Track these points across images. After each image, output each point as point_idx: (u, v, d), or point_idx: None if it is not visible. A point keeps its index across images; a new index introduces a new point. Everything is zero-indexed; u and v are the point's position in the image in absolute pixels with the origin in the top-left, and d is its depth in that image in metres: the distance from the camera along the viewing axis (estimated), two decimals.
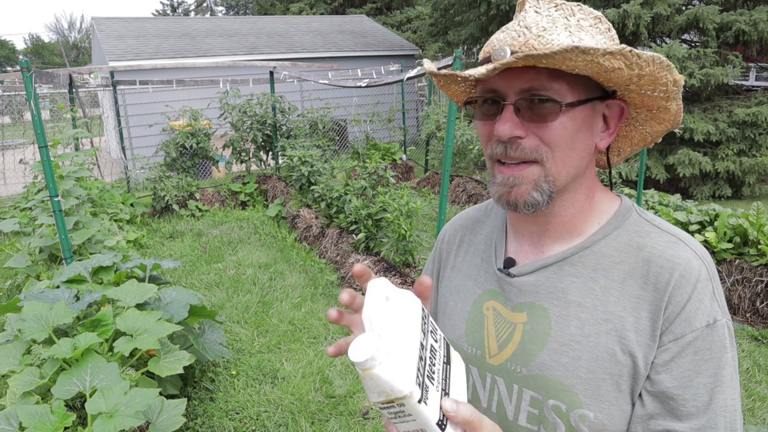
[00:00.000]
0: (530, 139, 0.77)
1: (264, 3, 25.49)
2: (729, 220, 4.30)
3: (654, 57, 0.70)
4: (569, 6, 0.77)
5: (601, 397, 0.76)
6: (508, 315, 0.86)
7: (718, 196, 8.15)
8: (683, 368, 0.73)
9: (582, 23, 0.76)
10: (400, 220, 4.69)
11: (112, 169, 10.27)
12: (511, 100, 0.76)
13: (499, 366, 0.85)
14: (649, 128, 0.87)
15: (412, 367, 0.60)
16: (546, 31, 0.74)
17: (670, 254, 0.77)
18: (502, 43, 0.76)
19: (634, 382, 0.75)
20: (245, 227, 6.93)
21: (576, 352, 0.78)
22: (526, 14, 0.77)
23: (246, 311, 4.49)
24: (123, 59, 12.04)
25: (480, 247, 0.96)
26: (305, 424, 3.06)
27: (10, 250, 5.57)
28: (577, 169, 0.80)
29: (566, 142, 0.77)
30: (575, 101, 0.76)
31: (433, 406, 0.61)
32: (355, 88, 7.74)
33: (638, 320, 0.75)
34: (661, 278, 0.75)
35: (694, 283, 0.74)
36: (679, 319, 0.73)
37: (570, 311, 0.80)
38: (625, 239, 0.81)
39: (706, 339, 0.73)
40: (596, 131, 0.81)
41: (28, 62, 3.80)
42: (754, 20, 7.55)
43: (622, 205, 0.85)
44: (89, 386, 2.38)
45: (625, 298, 0.77)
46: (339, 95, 10.54)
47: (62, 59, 37.62)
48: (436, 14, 13.21)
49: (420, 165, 9.84)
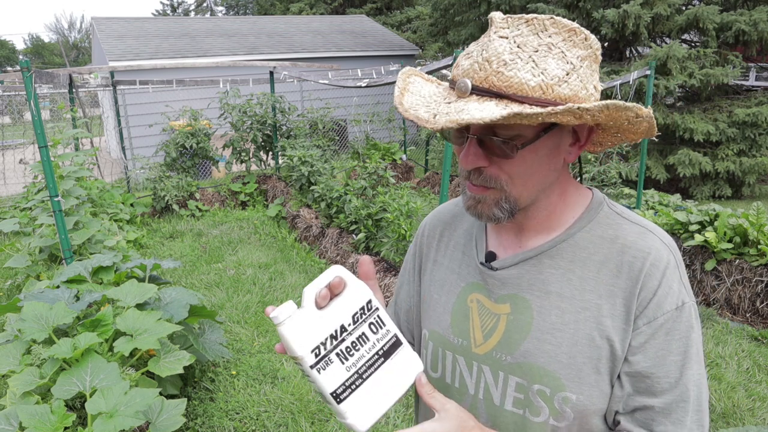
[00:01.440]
0: (492, 169, 0.81)
1: (264, 3, 25.48)
2: (729, 220, 4.30)
3: (607, 105, 0.70)
4: (541, 21, 0.75)
5: (582, 380, 0.81)
6: (491, 306, 0.90)
7: (718, 196, 8.15)
8: (656, 348, 0.79)
9: (554, 39, 0.75)
10: (400, 220, 4.69)
11: (112, 169, 10.27)
12: (474, 133, 0.79)
13: (485, 355, 0.89)
14: (623, 137, 0.89)
15: (314, 337, 0.72)
16: (506, 66, 0.73)
17: (641, 245, 0.82)
18: (466, 73, 0.77)
19: (612, 364, 0.81)
20: (245, 227, 6.93)
21: (557, 339, 0.83)
22: (490, 42, 0.75)
23: (246, 311, 4.49)
24: (123, 59, 12.04)
25: (461, 241, 1.00)
26: (305, 424, 3.06)
27: (10, 250, 5.57)
28: (540, 186, 0.84)
29: (526, 172, 0.81)
30: (535, 135, 0.78)
31: (330, 378, 0.72)
32: (355, 88, 7.73)
33: (613, 306, 0.81)
34: (634, 267, 0.81)
35: (663, 270, 0.80)
36: (652, 303, 0.79)
37: (551, 301, 0.85)
38: (599, 231, 0.86)
39: (675, 320, 0.79)
40: (564, 148, 0.83)
41: (28, 62, 3.80)
42: (754, 20, 7.55)
43: (593, 198, 0.90)
44: (89, 386, 2.38)
45: (601, 287, 0.82)
46: (339, 95, 10.54)
47: (62, 59, 37.63)
48: (436, 14, 13.21)
49: (420, 165, 9.84)
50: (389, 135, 10.06)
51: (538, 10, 9.41)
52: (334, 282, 0.77)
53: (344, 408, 0.73)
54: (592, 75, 0.78)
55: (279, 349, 0.77)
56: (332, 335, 0.74)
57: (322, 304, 0.76)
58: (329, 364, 0.73)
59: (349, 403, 0.74)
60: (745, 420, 3.03)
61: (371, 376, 0.76)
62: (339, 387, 0.73)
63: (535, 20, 0.75)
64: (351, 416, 0.74)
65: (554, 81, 0.73)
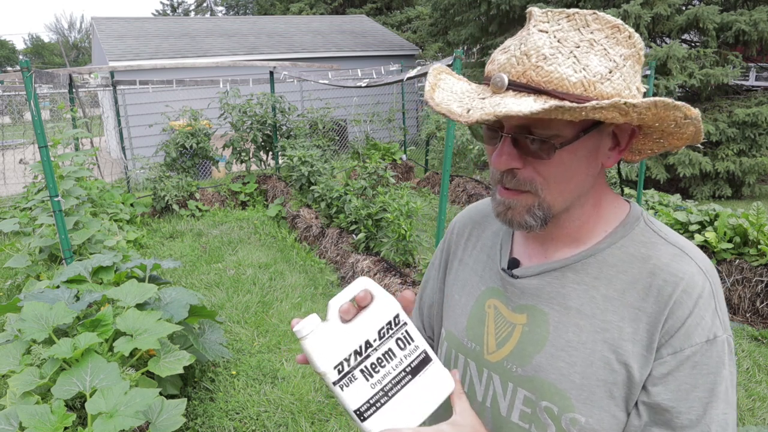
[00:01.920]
0: (526, 171, 0.77)
1: (264, 3, 25.48)
2: (729, 220, 4.30)
3: (655, 102, 0.66)
4: (583, 16, 0.71)
5: (593, 403, 0.77)
6: (508, 315, 0.87)
7: (718, 196, 8.15)
8: (680, 381, 0.74)
9: (596, 35, 0.71)
10: (400, 220, 4.69)
11: (112, 169, 10.27)
12: (508, 131, 0.75)
13: (496, 363, 0.87)
14: (666, 143, 0.83)
15: (338, 352, 0.70)
16: (546, 60, 0.69)
17: (675, 268, 0.76)
18: (502, 68, 0.73)
19: (628, 391, 0.76)
20: (245, 227, 6.93)
21: (572, 357, 0.79)
22: (529, 35, 0.72)
23: (246, 311, 4.49)
24: (123, 59, 12.04)
25: (487, 243, 0.97)
26: (305, 424, 3.06)
27: (10, 250, 5.57)
28: (577, 192, 0.80)
29: (563, 176, 0.76)
30: (575, 135, 0.73)
31: (354, 395, 0.71)
32: (355, 88, 7.74)
33: (636, 331, 0.76)
34: (664, 292, 0.75)
35: (696, 299, 0.74)
36: (679, 333, 0.74)
37: (569, 317, 0.81)
38: (630, 249, 0.80)
39: (705, 354, 0.73)
40: (602, 152, 0.78)
41: (28, 62, 3.80)
42: (754, 20, 7.55)
43: (630, 212, 0.84)
44: (89, 386, 2.38)
45: (625, 309, 0.77)
46: (339, 95, 10.54)
47: (62, 59, 37.62)
48: (436, 14, 13.21)
49: (420, 165, 9.84)
50: (389, 135, 10.06)
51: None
52: (359, 295, 0.74)
53: (368, 426, 0.71)
54: (635, 75, 0.73)
55: (300, 359, 0.75)
56: (357, 351, 0.72)
57: (346, 317, 0.74)
58: (353, 381, 0.71)
59: (374, 421, 0.71)
60: (745, 420, 3.03)
61: (398, 393, 0.73)
62: (363, 405, 0.71)
63: (576, 15, 0.71)
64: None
65: (597, 78, 0.69)
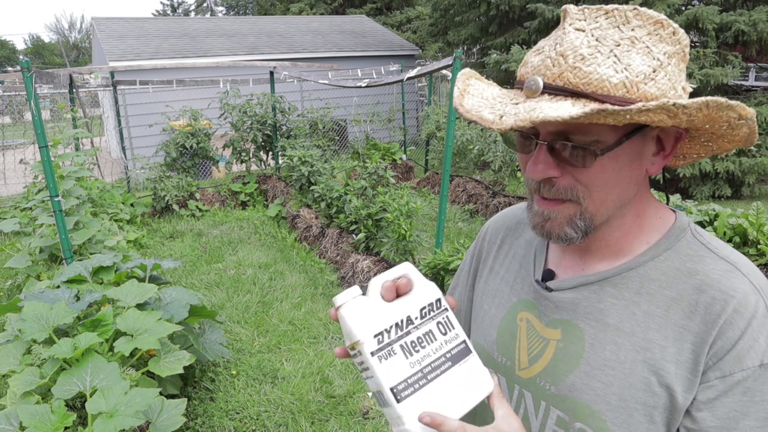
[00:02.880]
0: (565, 179, 0.72)
1: (264, 3, 25.49)
2: (729, 220, 4.30)
3: (707, 102, 0.61)
4: (623, 12, 0.67)
5: (631, 427, 0.72)
6: (541, 329, 0.82)
7: (718, 196, 8.15)
8: (729, 408, 0.68)
9: (637, 32, 0.66)
10: (400, 220, 4.69)
11: (112, 169, 10.27)
12: (545, 138, 0.70)
13: (528, 380, 0.82)
14: (715, 146, 0.78)
15: (377, 323, 0.65)
16: (584, 60, 0.65)
17: (725, 285, 0.70)
18: (536, 70, 0.69)
19: (670, 415, 0.71)
20: (245, 227, 6.93)
21: (608, 377, 0.74)
22: (565, 34, 0.68)
23: (246, 311, 4.49)
24: (123, 59, 12.04)
25: (520, 252, 0.92)
26: (305, 424, 3.06)
27: (10, 250, 5.58)
28: (620, 202, 0.74)
29: (605, 184, 0.71)
30: (616, 141, 0.68)
31: (392, 370, 0.64)
32: (355, 88, 7.74)
33: (680, 352, 0.70)
34: (712, 310, 0.69)
35: (749, 319, 0.68)
36: (729, 356, 0.68)
37: (607, 335, 0.75)
38: (675, 263, 0.74)
39: (757, 380, 0.67)
40: (646, 158, 0.73)
41: (29, 62, 3.80)
42: (753, 20, 7.56)
43: (676, 223, 0.78)
44: (89, 386, 2.38)
45: (669, 327, 0.72)
46: (339, 95, 10.54)
47: (62, 59, 37.62)
48: (436, 14, 13.22)
49: (420, 165, 9.85)
50: (389, 135, 10.06)
51: (538, 10, 9.41)
52: (401, 282, 0.69)
53: (403, 410, 0.63)
54: (680, 74, 0.69)
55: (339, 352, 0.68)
56: (398, 324, 0.66)
57: (388, 297, 0.68)
58: (392, 355, 0.64)
59: (409, 404, 0.63)
60: None
61: (436, 379, 0.67)
62: (401, 383, 0.64)
63: (615, 11, 0.67)
64: (409, 422, 0.63)
65: (639, 78, 0.64)
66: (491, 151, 6.88)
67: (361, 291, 0.68)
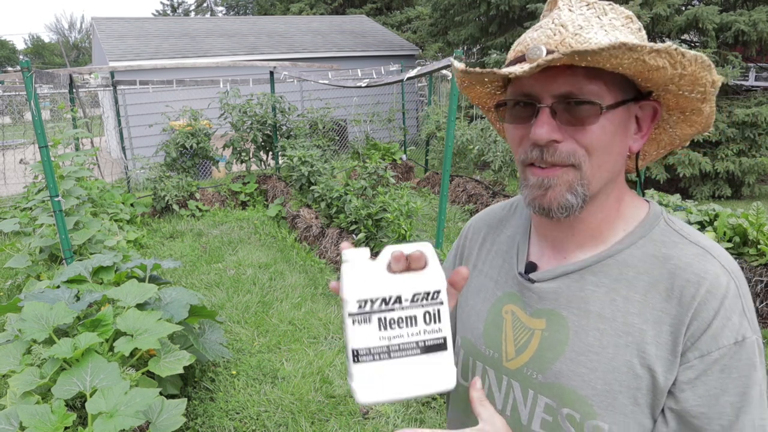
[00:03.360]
0: (567, 143, 0.75)
1: (264, 3, 25.49)
2: (729, 220, 4.30)
3: (697, 56, 0.69)
4: (601, 5, 0.75)
5: (616, 410, 0.75)
6: (526, 320, 0.85)
7: (718, 196, 8.15)
8: (709, 386, 0.71)
9: (614, 23, 0.74)
10: (400, 220, 4.69)
11: (112, 169, 10.28)
12: (547, 103, 0.74)
13: (516, 370, 0.85)
14: (679, 131, 0.84)
15: (367, 290, 0.69)
16: (582, 29, 0.72)
17: (697, 268, 0.74)
18: (537, 41, 0.74)
19: (653, 396, 0.74)
20: (245, 227, 6.93)
21: (593, 362, 0.77)
22: (561, 12, 0.75)
23: (246, 311, 4.49)
24: (123, 59, 12.04)
25: (502, 248, 0.95)
26: (305, 424, 3.06)
27: (10, 250, 5.58)
28: (611, 172, 0.79)
29: (605, 146, 0.75)
30: (614, 103, 0.74)
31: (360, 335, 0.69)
32: (355, 88, 7.75)
33: (659, 334, 0.74)
34: (686, 293, 0.73)
35: (722, 299, 0.72)
36: (706, 335, 0.71)
37: (589, 321, 0.79)
38: (650, 249, 0.78)
39: (733, 357, 0.71)
40: (630, 133, 0.79)
41: (29, 62, 3.80)
42: (753, 20, 7.56)
43: (650, 211, 0.83)
44: (89, 386, 2.38)
45: (647, 311, 0.75)
46: (339, 95, 10.54)
47: (62, 59, 37.62)
48: (436, 14, 13.22)
49: (420, 165, 9.85)
50: (389, 135, 10.06)
51: (538, 10, 9.41)
52: (415, 254, 0.69)
53: (356, 370, 0.70)
54: None
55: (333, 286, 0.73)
56: (385, 299, 0.69)
57: (394, 267, 0.69)
58: (366, 323, 0.69)
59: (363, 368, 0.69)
60: None
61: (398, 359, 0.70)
62: (363, 348, 0.69)
63: (595, 4, 0.75)
64: (357, 382, 0.70)
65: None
66: (491, 151, 6.88)
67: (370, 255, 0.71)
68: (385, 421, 3.03)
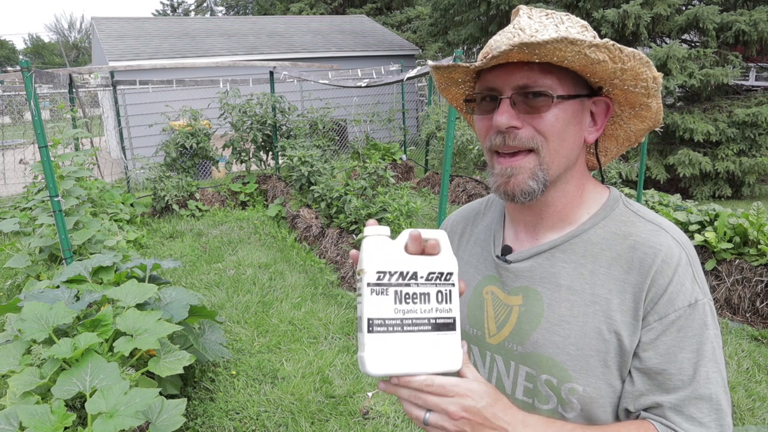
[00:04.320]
0: (526, 130, 0.83)
1: (264, 3, 25.49)
2: (729, 220, 4.30)
3: (635, 52, 0.77)
4: (558, 15, 0.85)
5: (589, 372, 0.83)
6: (505, 298, 0.93)
7: (718, 196, 8.14)
8: (667, 345, 0.80)
9: (570, 30, 0.84)
10: (400, 220, 4.69)
11: (112, 169, 10.27)
12: (507, 94, 0.83)
13: (498, 345, 0.93)
14: (632, 126, 0.93)
15: (386, 263, 0.72)
16: (538, 32, 0.82)
17: (653, 241, 0.83)
18: (499, 43, 0.84)
19: (620, 358, 0.82)
20: (245, 227, 6.93)
21: (566, 331, 0.85)
22: (520, 19, 0.86)
23: (246, 311, 4.49)
24: (123, 59, 12.04)
25: (480, 237, 1.04)
26: (305, 424, 3.06)
27: (10, 250, 5.57)
28: (568, 159, 0.87)
29: (558, 133, 0.83)
30: (565, 95, 0.83)
31: (377, 305, 0.71)
32: (355, 88, 7.75)
33: (623, 302, 0.82)
34: (645, 263, 0.82)
35: (675, 267, 0.81)
36: (662, 300, 0.80)
37: (561, 294, 0.87)
38: (612, 228, 0.88)
39: (688, 317, 0.80)
40: (585, 125, 0.88)
41: (28, 62, 3.80)
42: (754, 20, 7.55)
43: (610, 196, 0.92)
44: (89, 386, 2.38)
45: (611, 282, 0.84)
46: (339, 95, 10.53)
47: (62, 59, 37.60)
48: (436, 14, 13.22)
49: (420, 165, 9.84)
50: (389, 135, 10.05)
51: None
52: (431, 242, 0.74)
53: (368, 340, 0.70)
54: None
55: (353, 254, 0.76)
56: (402, 273, 0.73)
57: (411, 248, 0.74)
58: (383, 294, 0.71)
59: (376, 338, 0.71)
60: (745, 420, 3.03)
61: (410, 333, 0.72)
62: (378, 319, 0.71)
63: (553, 14, 0.86)
64: (368, 351, 0.70)
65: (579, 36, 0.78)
66: None
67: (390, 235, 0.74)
68: (385, 421, 3.02)
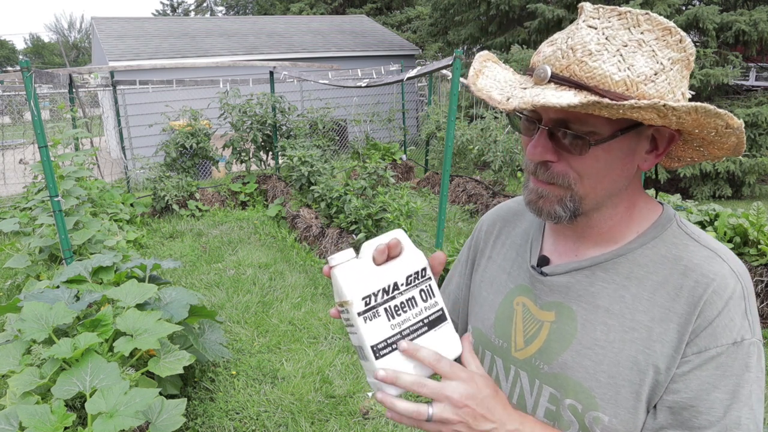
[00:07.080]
0: (560, 165, 0.76)
1: (264, 3, 25.48)
2: (729, 220, 4.30)
3: (696, 107, 0.66)
4: (635, 15, 0.71)
5: (618, 403, 0.76)
6: (536, 312, 0.87)
7: (718, 196, 8.15)
8: (701, 381, 0.72)
9: (646, 36, 0.70)
10: (400, 220, 4.69)
11: (112, 169, 10.27)
12: (546, 124, 0.75)
13: (524, 360, 0.87)
14: (706, 152, 0.83)
15: (367, 286, 0.71)
16: (591, 56, 0.69)
17: (707, 269, 0.75)
18: (547, 60, 0.74)
19: (652, 392, 0.75)
20: (245, 227, 6.93)
21: (599, 356, 0.79)
22: (578, 29, 0.72)
23: (246, 311, 4.49)
24: (123, 59, 12.04)
25: (517, 241, 0.97)
26: (305, 424, 3.06)
27: (10, 250, 5.57)
28: (610, 191, 0.79)
29: (597, 173, 0.75)
30: (611, 134, 0.72)
31: (374, 330, 0.71)
32: (355, 88, 7.74)
33: (665, 332, 0.75)
34: (695, 293, 0.74)
35: (727, 300, 0.73)
36: (705, 332, 0.73)
37: (597, 316, 0.80)
38: (662, 250, 0.80)
39: (729, 356, 0.72)
40: (639, 154, 0.78)
41: (28, 62, 3.80)
42: (754, 20, 7.56)
43: (663, 214, 0.84)
44: (89, 386, 2.38)
45: (655, 309, 0.76)
46: (339, 95, 10.53)
47: (62, 59, 37.59)
48: (436, 14, 13.23)
49: (420, 165, 9.84)
50: (389, 135, 10.05)
51: (538, 10, 9.41)
52: (392, 243, 0.73)
53: (380, 365, 0.71)
54: (681, 81, 0.73)
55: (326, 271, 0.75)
56: (384, 289, 0.72)
57: (379, 260, 0.72)
58: (376, 317, 0.71)
59: (386, 362, 0.71)
60: None
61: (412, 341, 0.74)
62: (381, 342, 0.71)
63: (628, 14, 0.71)
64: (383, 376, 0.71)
65: (641, 78, 0.68)
66: (491, 151, 6.87)
67: (355, 253, 0.73)
68: (385, 422, 3.02)
